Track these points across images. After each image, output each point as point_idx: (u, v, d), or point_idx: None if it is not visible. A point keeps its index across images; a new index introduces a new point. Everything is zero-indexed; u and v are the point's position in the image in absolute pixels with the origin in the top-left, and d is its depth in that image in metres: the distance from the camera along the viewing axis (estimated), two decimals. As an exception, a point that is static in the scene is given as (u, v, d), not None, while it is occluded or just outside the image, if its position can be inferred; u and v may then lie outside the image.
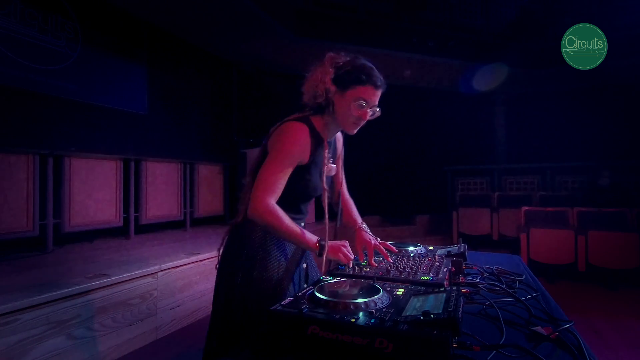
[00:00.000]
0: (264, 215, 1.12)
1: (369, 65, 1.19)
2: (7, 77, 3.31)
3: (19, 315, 1.87)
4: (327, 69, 1.17)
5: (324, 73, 1.17)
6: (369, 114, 1.19)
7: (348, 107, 1.17)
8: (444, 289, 0.90)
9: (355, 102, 1.17)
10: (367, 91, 1.17)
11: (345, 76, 1.16)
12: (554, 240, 4.32)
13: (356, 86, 1.16)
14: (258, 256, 1.21)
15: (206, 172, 5.21)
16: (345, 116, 1.19)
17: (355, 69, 1.17)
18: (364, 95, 1.16)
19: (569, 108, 7.09)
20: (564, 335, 0.85)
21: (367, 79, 1.16)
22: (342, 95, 1.17)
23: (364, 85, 1.16)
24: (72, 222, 3.51)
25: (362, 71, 1.16)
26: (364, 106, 1.17)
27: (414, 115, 7.65)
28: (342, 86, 1.17)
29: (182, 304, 2.91)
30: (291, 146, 1.16)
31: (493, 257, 1.75)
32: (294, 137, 1.16)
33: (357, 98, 1.16)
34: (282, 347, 0.77)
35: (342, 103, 1.18)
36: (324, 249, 1.13)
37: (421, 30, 5.91)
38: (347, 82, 1.16)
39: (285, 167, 1.15)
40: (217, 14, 4.62)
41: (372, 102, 1.19)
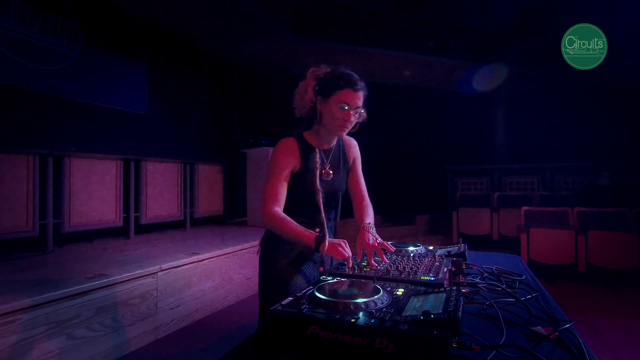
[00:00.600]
0: (270, 221, 1.27)
1: (348, 72, 1.30)
2: (7, 77, 3.31)
3: (19, 315, 1.87)
4: (309, 81, 1.32)
5: (306, 86, 1.33)
6: (352, 115, 1.30)
7: (332, 111, 1.29)
8: (444, 289, 0.90)
9: (337, 106, 1.28)
10: (347, 94, 1.27)
11: (326, 85, 1.29)
12: (554, 240, 4.32)
13: (336, 91, 1.28)
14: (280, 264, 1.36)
15: (206, 172, 5.21)
16: (331, 120, 1.31)
17: (334, 77, 1.29)
18: (344, 99, 1.27)
19: (569, 108, 7.10)
20: (564, 335, 0.85)
21: (345, 84, 1.27)
22: (326, 103, 1.30)
23: (343, 89, 1.27)
24: (72, 222, 3.51)
25: (341, 78, 1.28)
26: (346, 109, 1.28)
27: (414, 115, 7.65)
28: (325, 94, 1.30)
29: (182, 304, 2.91)
30: (279, 157, 1.33)
31: (493, 257, 1.75)
32: (280, 150, 1.34)
33: (339, 102, 1.28)
34: (282, 347, 0.77)
35: (327, 109, 1.30)
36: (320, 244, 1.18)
37: (421, 30, 5.91)
38: (328, 90, 1.29)
39: (279, 176, 1.31)
40: (217, 14, 4.62)
41: (354, 105, 1.29)
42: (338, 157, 1.47)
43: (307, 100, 1.32)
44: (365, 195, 1.55)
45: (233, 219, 5.79)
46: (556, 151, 7.04)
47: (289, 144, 1.35)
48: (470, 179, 7.19)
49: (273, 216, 1.26)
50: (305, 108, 1.34)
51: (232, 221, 5.70)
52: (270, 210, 1.27)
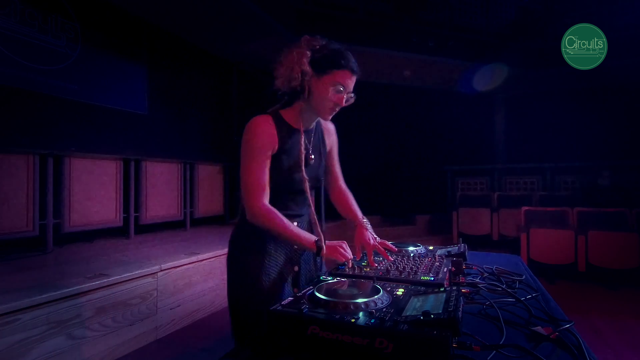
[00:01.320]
0: (261, 219, 1.13)
1: (346, 50, 1.15)
2: (7, 77, 3.31)
3: (19, 315, 1.87)
4: (304, 51, 1.12)
5: (300, 55, 1.12)
6: (344, 99, 1.16)
7: (325, 92, 1.13)
8: (444, 289, 0.90)
9: (333, 87, 1.13)
10: (345, 76, 1.13)
11: (323, 60, 1.12)
12: (554, 240, 4.32)
13: (334, 70, 1.12)
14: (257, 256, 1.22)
15: (206, 172, 5.21)
16: (321, 101, 1.15)
17: (332, 52, 1.13)
18: (341, 80, 1.13)
19: (569, 108, 7.10)
20: (564, 335, 0.85)
21: (345, 64, 1.12)
22: (319, 80, 1.13)
23: (342, 69, 1.12)
24: (72, 222, 3.51)
25: (341, 55, 1.13)
26: (342, 91, 1.14)
27: (414, 115, 7.65)
28: (319, 70, 1.12)
29: (182, 304, 2.91)
30: (255, 139, 1.14)
31: (493, 257, 1.75)
32: (255, 129, 1.15)
33: (334, 83, 1.13)
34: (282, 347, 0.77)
35: (319, 87, 1.13)
36: (322, 250, 1.13)
37: (421, 30, 5.90)
38: (324, 66, 1.12)
39: (259, 162, 1.14)
40: (217, 14, 4.62)
41: (348, 88, 1.15)
42: (318, 141, 1.31)
43: (297, 72, 1.11)
44: (344, 185, 1.47)
45: (233, 219, 5.78)
46: (556, 151, 7.04)
47: (266, 122, 1.16)
48: (470, 179, 7.19)
49: (264, 212, 1.12)
50: (292, 80, 1.13)
51: (232, 221, 5.68)
52: (260, 205, 1.12)
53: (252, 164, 1.14)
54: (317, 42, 1.14)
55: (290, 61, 1.13)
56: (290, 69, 1.13)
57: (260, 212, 1.12)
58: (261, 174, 1.14)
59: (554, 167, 6.63)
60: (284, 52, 1.16)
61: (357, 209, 1.42)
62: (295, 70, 1.12)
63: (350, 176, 1.56)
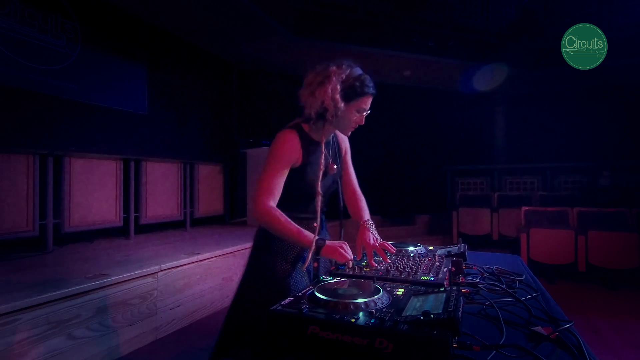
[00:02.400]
0: (263, 216, 1.21)
1: (364, 75, 1.28)
2: (7, 77, 3.31)
3: (19, 315, 1.87)
4: (335, 85, 1.22)
5: (334, 91, 1.22)
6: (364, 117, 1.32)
7: (351, 116, 1.28)
8: (444, 289, 0.90)
9: (356, 111, 1.28)
10: (368, 100, 1.29)
11: (350, 90, 1.24)
12: (554, 240, 4.32)
13: (360, 98, 1.26)
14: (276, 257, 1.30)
15: (206, 172, 5.21)
16: (346, 124, 1.31)
17: (357, 81, 1.25)
18: (365, 105, 1.28)
19: (569, 108, 7.10)
20: (564, 335, 0.85)
21: (368, 90, 1.27)
22: (347, 107, 1.26)
23: (365, 96, 1.27)
24: (72, 222, 3.51)
25: (364, 84, 1.26)
26: (363, 113, 1.30)
27: (414, 115, 7.65)
28: (348, 99, 1.25)
29: (182, 304, 2.91)
30: (280, 151, 1.26)
31: (493, 257, 1.75)
32: (281, 143, 1.27)
33: (360, 109, 1.28)
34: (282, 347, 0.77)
35: (346, 113, 1.27)
36: (321, 248, 1.16)
37: (421, 30, 5.90)
38: (352, 96, 1.25)
39: (278, 170, 1.25)
40: (217, 14, 4.62)
41: (368, 108, 1.31)
42: (335, 150, 1.45)
43: (330, 105, 1.22)
44: (357, 188, 1.55)
45: (233, 219, 5.79)
46: (556, 151, 7.04)
47: (292, 137, 1.28)
48: (470, 179, 7.19)
49: (267, 211, 1.20)
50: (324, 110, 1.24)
51: (232, 221, 5.70)
52: (265, 205, 1.21)
53: (271, 172, 1.25)
54: (344, 72, 1.25)
55: (323, 95, 1.23)
56: (323, 102, 1.23)
57: (265, 211, 1.21)
58: (275, 181, 1.25)
59: (554, 167, 6.63)
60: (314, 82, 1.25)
61: (364, 211, 1.49)
62: (329, 105, 1.22)
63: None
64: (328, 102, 1.22)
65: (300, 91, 1.29)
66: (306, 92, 1.27)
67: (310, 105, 1.26)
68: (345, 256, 1.16)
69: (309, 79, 1.27)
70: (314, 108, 1.25)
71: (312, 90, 1.25)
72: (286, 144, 1.27)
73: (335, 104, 1.22)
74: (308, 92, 1.26)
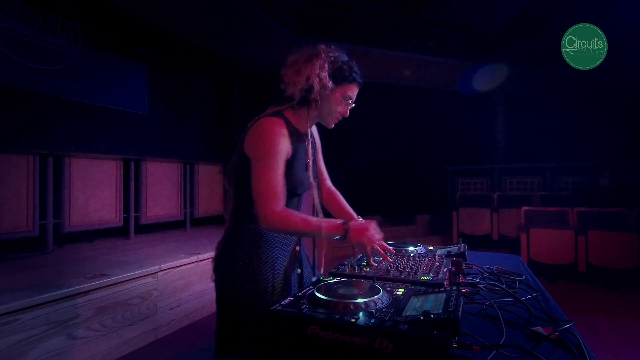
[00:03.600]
0: (277, 222, 1.08)
1: (353, 62, 1.20)
2: (7, 77, 3.31)
3: (19, 315, 1.87)
4: (324, 63, 1.13)
5: (321, 68, 1.13)
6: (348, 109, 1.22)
7: (337, 103, 1.18)
8: (444, 289, 0.90)
9: (342, 98, 1.18)
10: (354, 89, 1.20)
11: (339, 73, 1.15)
12: (554, 240, 4.32)
13: (347, 84, 1.17)
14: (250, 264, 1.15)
15: (206, 172, 5.21)
16: (330, 111, 1.20)
17: (346, 65, 1.16)
18: (351, 93, 1.19)
19: (569, 108, 7.09)
20: (564, 335, 0.85)
21: (356, 77, 1.18)
22: (333, 91, 1.16)
23: (354, 83, 1.18)
24: (72, 222, 3.51)
25: (353, 69, 1.17)
26: (349, 103, 1.21)
27: (414, 115, 7.64)
28: (335, 83, 1.15)
29: (182, 304, 2.91)
30: (276, 144, 1.10)
31: (493, 257, 1.75)
32: (272, 134, 1.11)
33: (345, 95, 1.18)
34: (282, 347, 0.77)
35: (330, 98, 1.17)
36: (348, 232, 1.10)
37: (421, 30, 5.90)
38: (339, 79, 1.15)
39: (278, 167, 1.10)
40: (217, 14, 4.62)
41: (354, 99, 1.22)
42: (313, 144, 1.34)
43: (316, 83, 1.12)
44: (331, 184, 1.47)
45: (233, 219, 5.78)
46: (556, 151, 7.04)
47: (281, 126, 1.13)
48: (470, 179, 7.19)
49: (279, 215, 1.07)
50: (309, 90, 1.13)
51: (232, 221, 5.69)
52: (274, 211, 1.07)
53: (269, 170, 1.09)
54: (333, 54, 1.16)
55: (309, 71, 1.12)
56: (307, 79, 1.12)
57: (277, 217, 1.07)
58: (277, 181, 1.09)
59: (554, 167, 6.63)
60: (300, 60, 1.15)
61: (350, 209, 1.43)
62: (314, 82, 1.12)
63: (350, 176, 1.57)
64: (314, 79, 1.11)
65: (283, 70, 1.17)
66: (291, 70, 1.15)
67: (295, 83, 1.14)
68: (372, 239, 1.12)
69: (293, 57, 1.17)
70: (299, 86, 1.13)
71: (297, 68, 1.14)
72: (276, 133, 1.11)
73: (321, 82, 1.12)
74: (293, 71, 1.15)
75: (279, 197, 1.08)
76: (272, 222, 1.07)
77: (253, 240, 1.16)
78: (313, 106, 1.17)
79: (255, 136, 1.13)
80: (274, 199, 1.07)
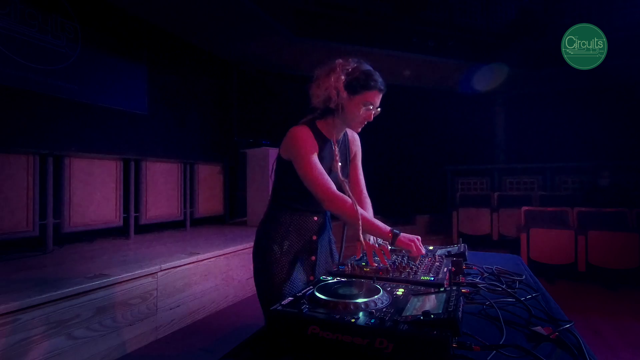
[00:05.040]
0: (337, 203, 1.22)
1: (373, 71, 1.32)
2: (7, 77, 3.31)
3: (19, 315, 1.87)
4: (339, 75, 1.28)
5: (337, 80, 1.27)
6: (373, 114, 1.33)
7: (357, 109, 1.30)
8: (444, 289, 0.90)
9: (362, 105, 1.29)
10: (374, 95, 1.30)
11: (355, 82, 1.28)
12: (554, 240, 4.32)
13: (365, 91, 1.28)
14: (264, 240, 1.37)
15: (206, 172, 5.21)
16: (353, 117, 1.32)
17: (363, 75, 1.29)
18: (371, 100, 1.29)
19: (569, 108, 7.09)
20: (564, 335, 0.85)
21: (375, 85, 1.29)
22: (351, 99, 1.29)
23: (372, 90, 1.29)
24: (72, 222, 3.51)
25: (371, 77, 1.29)
26: (371, 109, 1.31)
27: (414, 115, 7.65)
28: (352, 91, 1.28)
29: (182, 304, 2.91)
30: (307, 145, 1.28)
31: (493, 257, 1.75)
32: (301, 136, 1.30)
33: (365, 102, 1.29)
34: (282, 347, 0.77)
35: (351, 106, 1.30)
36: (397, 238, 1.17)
37: (421, 30, 5.90)
38: (357, 88, 1.28)
39: (316, 162, 1.27)
40: (217, 14, 4.62)
41: (376, 104, 1.32)
42: (345, 149, 1.48)
43: (334, 95, 1.28)
44: (364, 190, 1.57)
45: (233, 219, 5.78)
46: (556, 151, 7.04)
47: (307, 131, 1.32)
48: (470, 179, 7.19)
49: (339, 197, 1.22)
50: (329, 101, 1.30)
51: (232, 221, 5.70)
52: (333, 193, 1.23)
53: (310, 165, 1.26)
54: (350, 65, 1.30)
55: (328, 85, 1.29)
56: (326, 91, 1.29)
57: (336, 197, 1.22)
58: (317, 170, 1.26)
59: (554, 167, 6.63)
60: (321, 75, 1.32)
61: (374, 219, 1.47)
62: (332, 94, 1.28)
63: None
64: (331, 91, 1.27)
65: (309, 85, 1.35)
66: (314, 84, 1.33)
67: (317, 95, 1.32)
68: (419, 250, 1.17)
69: (316, 73, 1.33)
70: (319, 98, 1.31)
71: (318, 83, 1.32)
72: (305, 136, 1.30)
73: (338, 93, 1.27)
74: (315, 85, 1.33)
75: (327, 181, 1.25)
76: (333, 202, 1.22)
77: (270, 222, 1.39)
78: (336, 114, 1.33)
79: (288, 142, 1.31)
80: (327, 183, 1.24)
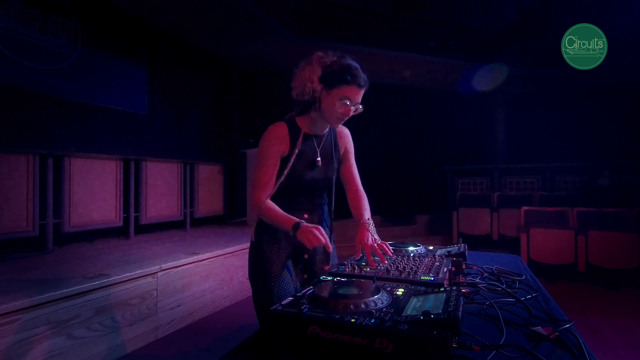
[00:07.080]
0: (258, 210, 1.29)
1: (355, 65, 1.25)
2: (7, 77, 3.31)
3: (19, 315, 1.87)
4: (315, 68, 1.25)
5: (311, 72, 1.25)
6: (352, 110, 1.27)
7: (333, 104, 1.25)
8: (444, 289, 0.90)
9: (340, 101, 1.24)
10: (352, 90, 1.24)
11: (332, 76, 1.24)
12: (554, 240, 4.32)
13: (342, 86, 1.23)
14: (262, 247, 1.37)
15: (206, 172, 5.21)
16: (330, 112, 1.28)
17: (341, 68, 1.23)
18: (348, 94, 1.24)
19: (568, 108, 7.10)
20: (564, 335, 0.85)
21: (352, 80, 1.23)
22: (328, 93, 1.25)
23: (349, 85, 1.23)
24: (72, 222, 3.51)
25: (348, 71, 1.23)
26: (348, 105, 1.25)
27: (414, 115, 7.65)
28: (329, 85, 1.24)
29: (182, 304, 2.91)
30: (267, 145, 1.31)
31: (493, 257, 1.75)
32: (266, 137, 1.32)
33: (342, 97, 1.24)
34: (282, 347, 0.77)
35: (328, 100, 1.26)
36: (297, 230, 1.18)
37: (421, 30, 5.91)
38: (333, 82, 1.24)
39: (268, 164, 1.30)
40: (217, 14, 4.62)
41: (355, 101, 1.26)
42: (330, 145, 1.43)
43: (308, 87, 1.26)
44: (359, 186, 1.53)
45: (233, 219, 5.78)
46: (556, 151, 7.04)
47: (279, 130, 1.32)
48: (470, 179, 7.19)
49: (258, 206, 1.28)
50: (305, 94, 1.27)
51: (232, 221, 5.70)
52: (258, 200, 1.29)
53: (262, 167, 1.30)
54: (328, 59, 1.27)
55: (303, 77, 1.27)
56: (303, 84, 1.27)
57: (258, 205, 1.29)
58: (267, 175, 1.30)
59: (554, 167, 6.63)
60: (299, 67, 1.30)
61: (365, 210, 1.46)
62: (307, 86, 1.25)
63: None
64: (305, 83, 1.25)
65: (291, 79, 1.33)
66: (293, 78, 1.31)
67: (294, 88, 1.30)
68: (314, 242, 1.14)
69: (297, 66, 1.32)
70: (296, 90, 1.29)
71: (296, 76, 1.30)
72: (270, 136, 1.31)
73: (312, 86, 1.25)
74: (294, 78, 1.31)
75: (264, 188, 1.29)
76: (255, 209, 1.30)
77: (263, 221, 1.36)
78: (313, 109, 1.30)
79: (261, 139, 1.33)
80: (260, 188, 1.29)
